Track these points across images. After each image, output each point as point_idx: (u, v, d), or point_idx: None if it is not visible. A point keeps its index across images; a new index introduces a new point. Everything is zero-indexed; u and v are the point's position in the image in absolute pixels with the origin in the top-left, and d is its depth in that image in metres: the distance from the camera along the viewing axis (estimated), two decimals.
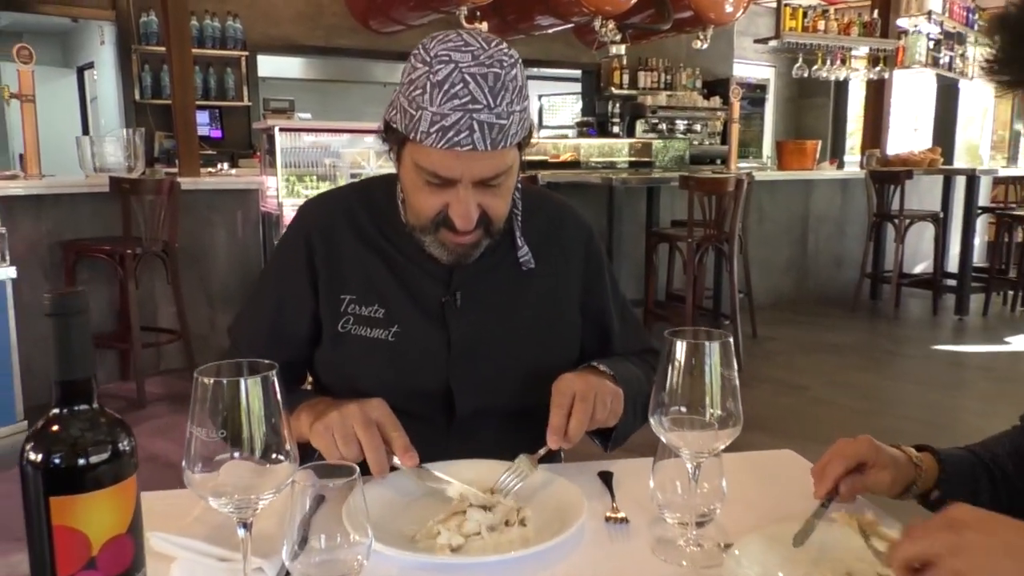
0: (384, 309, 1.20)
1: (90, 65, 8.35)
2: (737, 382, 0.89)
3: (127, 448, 0.62)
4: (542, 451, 1.07)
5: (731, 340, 0.89)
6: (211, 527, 0.91)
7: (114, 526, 0.60)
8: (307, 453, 1.14)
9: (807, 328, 5.89)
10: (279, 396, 0.74)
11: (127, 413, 3.88)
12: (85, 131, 8.55)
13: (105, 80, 7.63)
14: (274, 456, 0.75)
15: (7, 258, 3.42)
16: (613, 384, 1.14)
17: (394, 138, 1.11)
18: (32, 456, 0.59)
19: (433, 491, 1.03)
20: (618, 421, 1.14)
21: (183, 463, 0.72)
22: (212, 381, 0.71)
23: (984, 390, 4.52)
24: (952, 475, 1.05)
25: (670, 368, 0.89)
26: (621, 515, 1.01)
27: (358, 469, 0.81)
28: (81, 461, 0.59)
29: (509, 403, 1.23)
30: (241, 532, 0.75)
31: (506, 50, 1.06)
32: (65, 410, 0.60)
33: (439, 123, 1.02)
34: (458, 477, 1.04)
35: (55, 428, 0.60)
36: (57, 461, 0.59)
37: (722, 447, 0.90)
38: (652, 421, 0.91)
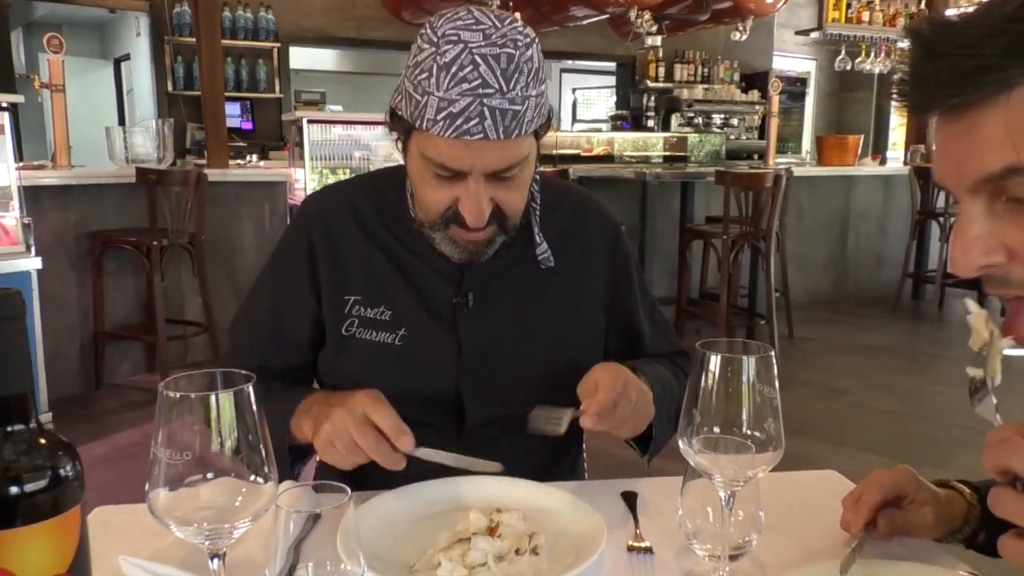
0: (391, 311, 1.11)
1: (127, 57, 8.41)
2: (779, 402, 0.79)
3: (70, 474, 0.53)
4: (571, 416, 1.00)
5: (772, 354, 0.79)
6: (190, 548, 0.84)
7: (52, 566, 0.52)
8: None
9: (846, 329, 5.71)
10: (256, 410, 0.66)
11: (151, 406, 3.85)
12: (121, 123, 8.63)
13: (140, 71, 7.67)
14: (252, 478, 0.67)
15: (32, 248, 3.41)
16: (645, 386, 1.05)
17: (400, 126, 1.02)
18: None
19: (437, 513, 0.94)
20: (651, 426, 1.06)
21: (146, 487, 0.64)
22: (179, 396, 0.63)
23: None
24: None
25: (702, 384, 0.79)
26: (645, 544, 0.91)
27: (349, 490, 0.72)
28: (13, 490, 0.51)
29: (524, 412, 1.14)
30: (213, 564, 0.67)
31: (521, 28, 0.96)
32: None
33: (446, 109, 0.93)
34: (463, 494, 0.96)
35: None
36: None
37: (760, 474, 0.80)
38: (680, 443, 0.81)
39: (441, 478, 0.99)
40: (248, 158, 5.69)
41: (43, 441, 0.53)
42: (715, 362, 0.78)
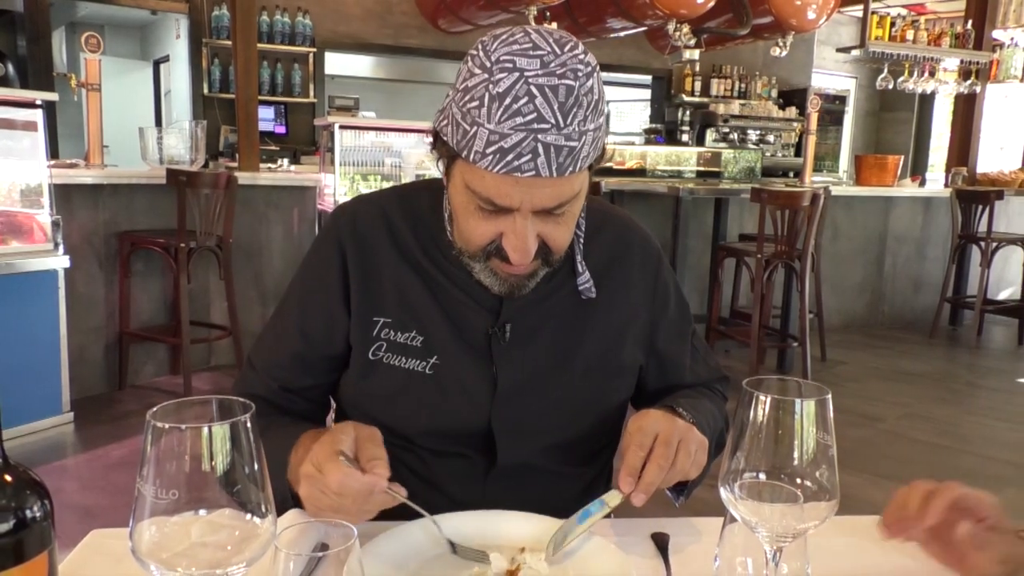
0: (422, 337, 1.04)
1: (166, 59, 8.51)
2: (835, 450, 0.71)
3: (37, 516, 0.48)
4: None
5: (829, 397, 0.71)
6: None
7: None
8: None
9: (881, 354, 5.56)
10: (254, 442, 0.60)
11: None
12: (158, 123, 8.72)
13: (178, 73, 7.75)
14: (248, 517, 0.60)
15: (61, 247, 3.41)
16: (699, 432, 0.96)
17: (444, 150, 0.95)
18: None
19: (442, 555, 0.87)
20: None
21: (129, 523, 0.58)
22: (168, 426, 0.57)
23: None
24: None
25: (749, 427, 0.71)
26: None
27: (355, 529, 0.66)
28: None
29: (556, 450, 1.08)
30: None
31: (581, 56, 0.87)
32: None
33: (497, 144, 0.85)
34: (488, 531, 0.89)
35: None
36: None
37: (811, 529, 0.72)
38: (722, 490, 0.74)
39: (457, 512, 0.92)
40: (280, 162, 5.69)
41: (9, 479, 0.47)
42: (765, 403, 0.71)
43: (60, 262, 3.41)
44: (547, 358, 1.06)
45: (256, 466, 0.60)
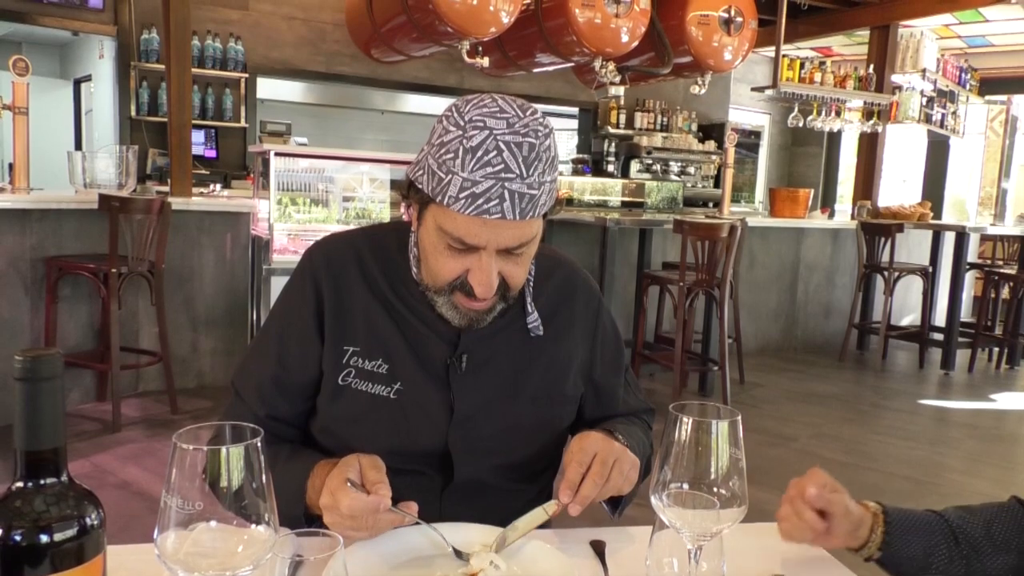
0: (388, 365, 1.15)
1: (87, 78, 8.32)
2: (744, 463, 0.85)
3: (95, 523, 0.57)
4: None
5: (739, 419, 0.85)
6: None
7: None
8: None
9: (794, 377, 5.88)
10: (263, 464, 0.70)
11: (101, 436, 3.79)
12: (78, 144, 8.50)
13: (101, 94, 7.59)
14: (254, 527, 0.70)
15: None
16: (632, 454, 1.10)
17: (417, 197, 1.08)
18: None
19: (419, 558, 0.98)
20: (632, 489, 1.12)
21: (155, 532, 0.67)
22: (192, 448, 0.67)
23: (969, 448, 4.50)
24: (900, 531, 1.06)
25: (674, 443, 0.85)
26: None
27: (341, 539, 0.77)
28: (44, 538, 0.54)
29: (505, 468, 1.20)
30: None
31: (540, 119, 1.03)
32: (30, 483, 0.55)
33: (469, 189, 1.00)
34: (444, 540, 1.00)
35: (18, 503, 0.55)
36: (18, 539, 0.54)
37: (726, 529, 0.86)
38: (652, 498, 0.87)
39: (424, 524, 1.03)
40: (212, 187, 5.66)
41: (71, 494, 0.57)
42: (687, 424, 0.84)
43: None
44: (499, 387, 1.18)
45: (263, 482, 0.70)
